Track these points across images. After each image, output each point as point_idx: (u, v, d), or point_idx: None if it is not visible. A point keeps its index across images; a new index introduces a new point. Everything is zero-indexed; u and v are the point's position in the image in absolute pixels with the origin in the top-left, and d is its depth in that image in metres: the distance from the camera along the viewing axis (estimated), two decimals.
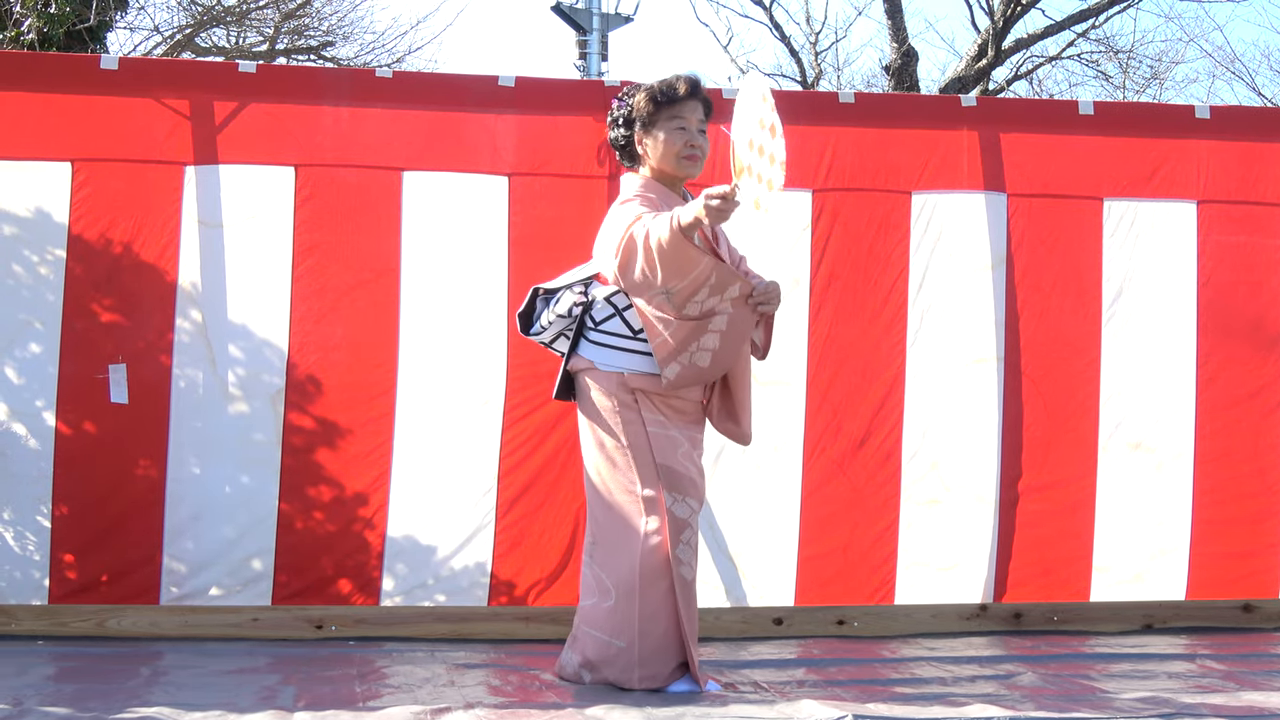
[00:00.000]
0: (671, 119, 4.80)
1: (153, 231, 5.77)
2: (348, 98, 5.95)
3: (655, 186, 4.86)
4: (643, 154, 4.88)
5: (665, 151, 4.81)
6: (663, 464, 4.67)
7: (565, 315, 4.81)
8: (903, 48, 16.84)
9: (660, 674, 4.64)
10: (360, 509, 5.84)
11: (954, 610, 6.18)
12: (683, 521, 4.65)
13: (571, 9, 20.75)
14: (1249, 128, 6.50)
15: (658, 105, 4.81)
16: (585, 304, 4.78)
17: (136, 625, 5.67)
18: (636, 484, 4.68)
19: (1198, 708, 4.32)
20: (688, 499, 4.67)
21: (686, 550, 4.65)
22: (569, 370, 4.84)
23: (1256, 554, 6.38)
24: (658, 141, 4.81)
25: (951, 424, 6.21)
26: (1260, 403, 6.37)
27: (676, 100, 4.81)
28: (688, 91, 4.82)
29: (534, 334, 4.97)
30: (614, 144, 4.96)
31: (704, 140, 4.86)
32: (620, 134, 4.91)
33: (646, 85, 4.87)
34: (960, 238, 6.24)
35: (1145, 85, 21.71)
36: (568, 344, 4.84)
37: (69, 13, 9.92)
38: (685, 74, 4.87)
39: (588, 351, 4.78)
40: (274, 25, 17.19)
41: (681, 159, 4.82)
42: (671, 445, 4.70)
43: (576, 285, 4.84)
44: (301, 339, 5.83)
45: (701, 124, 4.86)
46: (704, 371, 4.66)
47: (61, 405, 5.69)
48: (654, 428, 4.68)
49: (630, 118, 4.86)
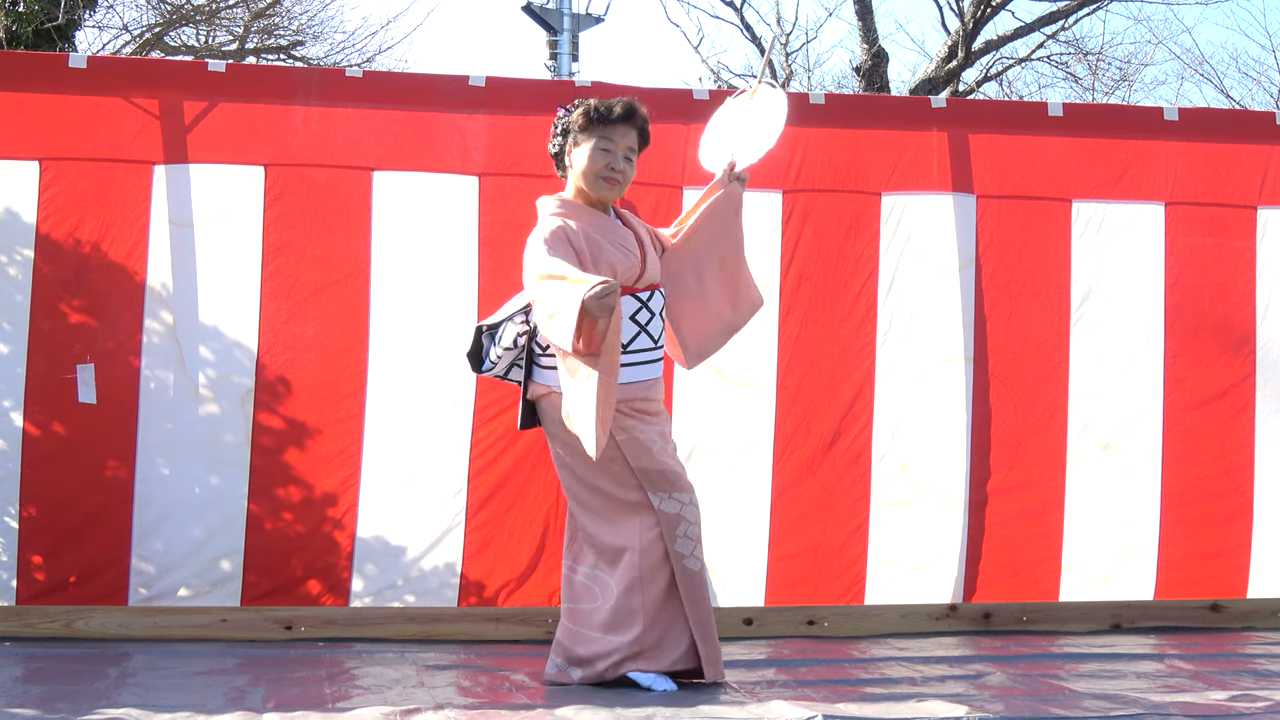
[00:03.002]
0: (601, 138, 4.77)
1: (121, 231, 5.75)
2: (318, 97, 5.94)
3: (575, 207, 4.83)
4: (568, 165, 4.87)
5: (587, 169, 4.78)
6: (639, 467, 4.67)
7: (511, 347, 4.82)
8: (873, 49, 16.89)
9: (665, 663, 4.66)
10: (330, 510, 5.83)
11: (924, 610, 6.19)
12: (674, 517, 4.65)
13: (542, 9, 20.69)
14: (1217, 130, 6.54)
15: (590, 121, 4.78)
16: (529, 333, 4.79)
17: (105, 626, 5.64)
18: (617, 491, 4.68)
19: (1166, 707, 4.33)
20: (673, 494, 4.68)
21: (686, 543, 4.66)
22: (529, 399, 4.83)
23: (1224, 554, 6.42)
24: (581, 157, 4.79)
25: (921, 425, 6.22)
26: (1227, 404, 6.41)
27: (609, 121, 4.79)
28: (621, 115, 4.80)
29: (486, 370, 4.97)
30: (551, 151, 4.95)
31: (629, 167, 4.83)
32: (556, 142, 4.90)
33: (585, 100, 4.86)
34: (929, 239, 6.25)
35: (1114, 87, 21.79)
36: (521, 373, 4.83)
37: (37, 11, 9.88)
38: (626, 99, 4.84)
39: (542, 377, 4.77)
40: (243, 24, 17.12)
41: (599, 179, 4.79)
42: (642, 448, 4.69)
43: (517, 316, 4.84)
44: (271, 339, 5.81)
45: (630, 150, 4.82)
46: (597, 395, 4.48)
47: (29, 406, 5.66)
48: (621, 435, 4.67)
49: (567, 128, 4.85)
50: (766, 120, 5.08)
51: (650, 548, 4.65)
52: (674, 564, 4.65)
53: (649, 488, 4.67)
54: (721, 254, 4.97)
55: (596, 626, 4.71)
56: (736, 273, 5.00)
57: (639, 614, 4.65)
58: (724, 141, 5.11)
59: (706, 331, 5.03)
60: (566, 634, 4.79)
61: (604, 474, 4.69)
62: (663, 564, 4.67)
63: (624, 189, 4.87)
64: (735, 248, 4.99)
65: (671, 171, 6.04)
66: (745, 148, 5.04)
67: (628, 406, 4.69)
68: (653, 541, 4.65)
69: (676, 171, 6.03)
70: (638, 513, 4.68)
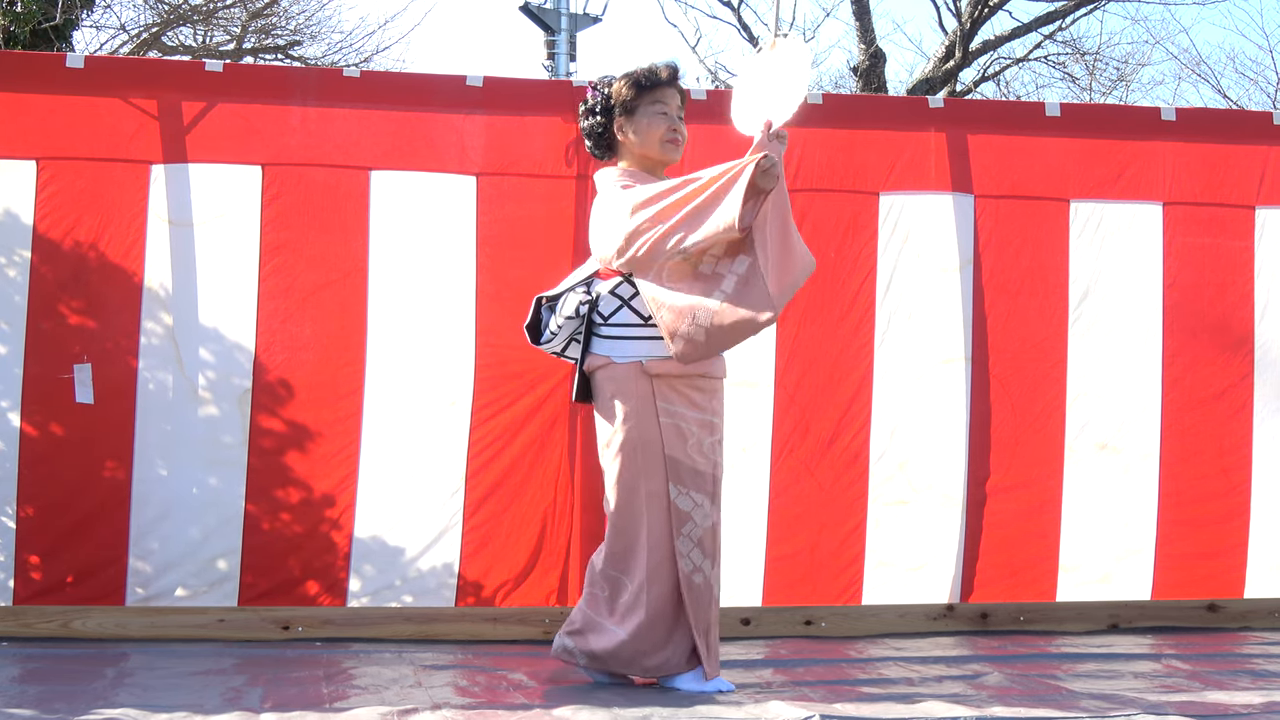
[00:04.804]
0: (654, 103, 4.82)
1: (119, 231, 5.74)
2: (315, 97, 5.93)
3: (637, 175, 4.85)
4: (623, 140, 4.87)
5: (648, 136, 4.82)
6: (670, 455, 4.64)
7: (573, 316, 4.76)
8: (870, 49, 16.88)
9: (666, 666, 4.66)
10: (327, 510, 5.83)
11: (921, 610, 6.19)
12: (684, 514, 4.63)
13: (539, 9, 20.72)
14: (1215, 130, 6.54)
15: (640, 90, 4.82)
16: (590, 301, 4.76)
17: (102, 626, 5.64)
18: (646, 478, 4.65)
19: (1163, 707, 4.33)
20: (691, 492, 4.64)
21: (687, 543, 4.62)
22: (585, 370, 4.79)
23: (1222, 554, 6.42)
24: (640, 126, 4.82)
25: (919, 424, 6.22)
26: (1225, 403, 6.41)
27: (659, 85, 4.83)
28: (669, 77, 4.86)
29: (544, 343, 4.91)
30: (588, 134, 4.94)
31: (683, 126, 4.88)
32: (596, 122, 4.89)
33: (626, 72, 4.86)
34: (927, 239, 6.25)
35: (1111, 87, 21.78)
36: (579, 349, 4.78)
37: (35, 11, 9.86)
38: (665, 60, 4.89)
39: (601, 347, 4.74)
40: (241, 24, 17.12)
41: (665, 143, 4.83)
42: (681, 437, 4.65)
43: (578, 286, 4.83)
44: (268, 339, 5.81)
45: (680, 109, 4.88)
46: (703, 346, 4.60)
47: (27, 406, 5.66)
48: (666, 418, 4.64)
49: (609, 105, 4.85)
50: (791, 71, 4.94)
51: (656, 548, 4.63)
52: (676, 561, 4.63)
53: (671, 478, 4.64)
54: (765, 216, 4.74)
55: (609, 616, 4.70)
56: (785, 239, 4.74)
57: (642, 609, 4.63)
58: (754, 102, 4.98)
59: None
60: (588, 624, 4.76)
61: (639, 459, 4.65)
62: (669, 561, 4.65)
63: (683, 149, 4.91)
64: (782, 212, 4.75)
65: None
66: (777, 104, 4.88)
67: (684, 383, 4.68)
68: (659, 542, 4.63)
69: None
70: (652, 506, 4.65)
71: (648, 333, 4.69)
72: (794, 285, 4.74)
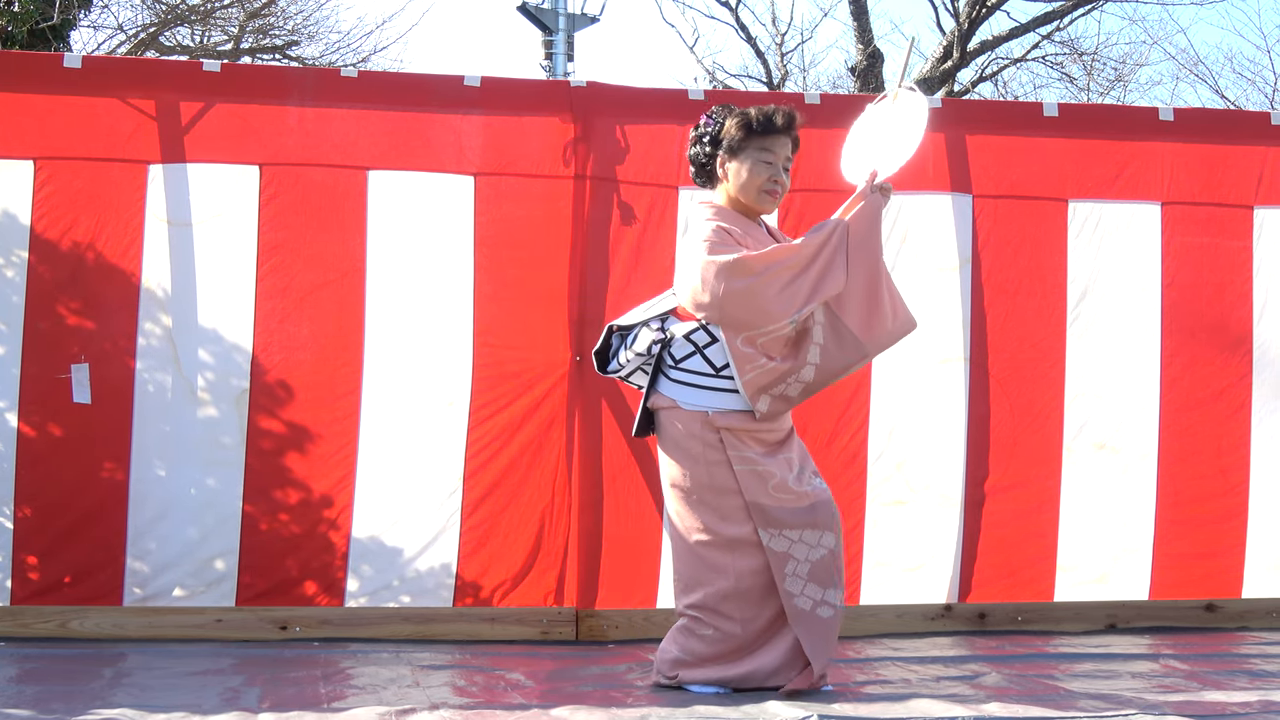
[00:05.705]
0: (760, 150, 4.67)
1: (117, 231, 5.74)
2: (313, 97, 5.93)
3: (732, 216, 4.70)
4: (722, 177, 4.74)
5: (748, 182, 4.67)
6: (753, 501, 4.54)
7: (644, 353, 4.69)
8: (868, 49, 16.90)
9: None
10: (325, 510, 5.82)
11: (919, 610, 6.19)
12: (783, 555, 4.51)
13: (537, 9, 20.71)
14: (1213, 130, 6.54)
15: (749, 133, 4.66)
16: (664, 341, 4.66)
17: (100, 626, 5.64)
18: (723, 524, 4.55)
19: (1161, 707, 4.33)
20: (784, 532, 4.52)
21: (795, 581, 4.51)
22: (649, 407, 4.69)
23: (1219, 554, 6.42)
24: (741, 170, 4.68)
25: (917, 424, 6.22)
26: (1223, 404, 6.40)
27: (771, 132, 4.68)
28: (783, 125, 4.69)
29: (611, 371, 4.85)
30: (693, 159, 4.81)
31: (786, 178, 4.73)
32: (703, 151, 4.76)
33: (742, 111, 4.70)
34: (926, 238, 6.25)
35: (1109, 87, 21.79)
36: (646, 378, 4.71)
37: (32, 11, 9.85)
38: (784, 108, 4.71)
39: (669, 390, 4.64)
40: (239, 24, 17.13)
41: (762, 193, 4.69)
42: (761, 481, 4.55)
43: (653, 321, 4.72)
44: (266, 339, 5.81)
45: (788, 160, 4.73)
46: (794, 400, 4.58)
47: (25, 406, 5.65)
48: (740, 465, 4.54)
49: (718, 137, 4.71)
50: (907, 126, 4.88)
51: (750, 582, 4.54)
52: (785, 603, 4.52)
53: (761, 523, 4.53)
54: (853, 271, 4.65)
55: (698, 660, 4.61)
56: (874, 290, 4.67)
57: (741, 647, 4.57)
58: (865, 150, 4.92)
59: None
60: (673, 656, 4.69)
61: (710, 503, 4.57)
62: (763, 601, 4.55)
63: (780, 200, 4.78)
64: (873, 263, 4.68)
65: (666, 172, 6.04)
66: (886, 156, 4.82)
67: (750, 436, 4.58)
68: (754, 573, 4.54)
69: (671, 172, 6.03)
70: (734, 550, 4.54)
71: (718, 384, 4.58)
72: (889, 335, 4.69)
